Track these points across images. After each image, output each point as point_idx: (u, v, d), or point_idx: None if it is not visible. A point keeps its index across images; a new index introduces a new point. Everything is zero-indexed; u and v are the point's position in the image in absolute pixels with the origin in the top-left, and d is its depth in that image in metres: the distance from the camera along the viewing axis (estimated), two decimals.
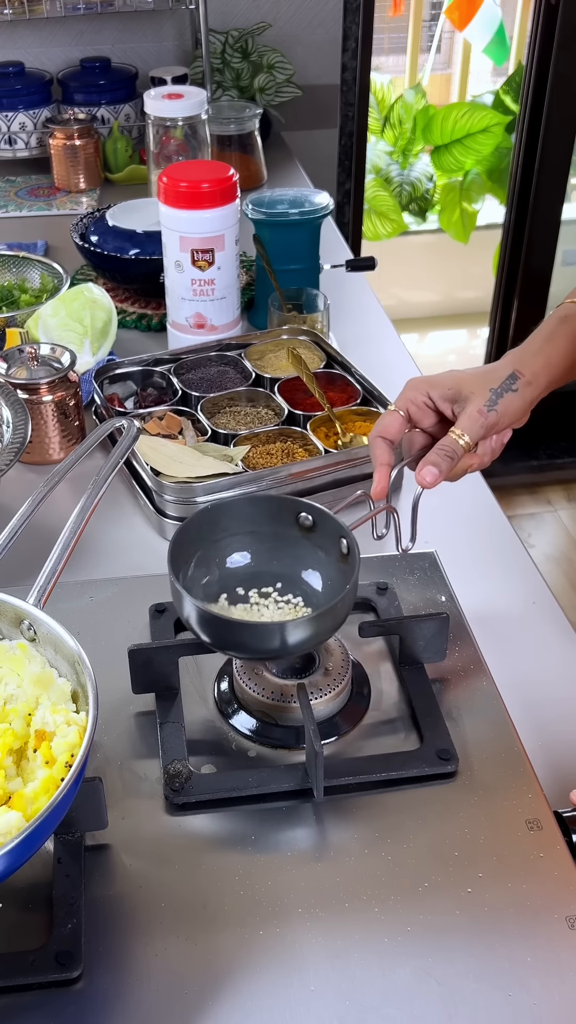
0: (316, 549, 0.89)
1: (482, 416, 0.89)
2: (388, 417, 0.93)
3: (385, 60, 4.06)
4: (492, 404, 0.89)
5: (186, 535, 0.85)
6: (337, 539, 0.87)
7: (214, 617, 0.80)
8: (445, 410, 0.92)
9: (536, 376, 0.91)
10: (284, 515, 0.89)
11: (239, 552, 0.90)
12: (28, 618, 0.77)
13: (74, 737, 0.70)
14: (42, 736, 0.72)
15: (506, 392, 0.89)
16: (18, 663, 0.77)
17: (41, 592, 0.78)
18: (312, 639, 0.80)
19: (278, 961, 0.68)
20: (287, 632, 0.78)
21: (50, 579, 0.79)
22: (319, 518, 0.88)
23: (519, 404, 0.90)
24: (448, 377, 0.93)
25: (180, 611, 0.82)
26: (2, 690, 0.76)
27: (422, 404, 0.93)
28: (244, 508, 0.90)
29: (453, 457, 0.89)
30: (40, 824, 0.63)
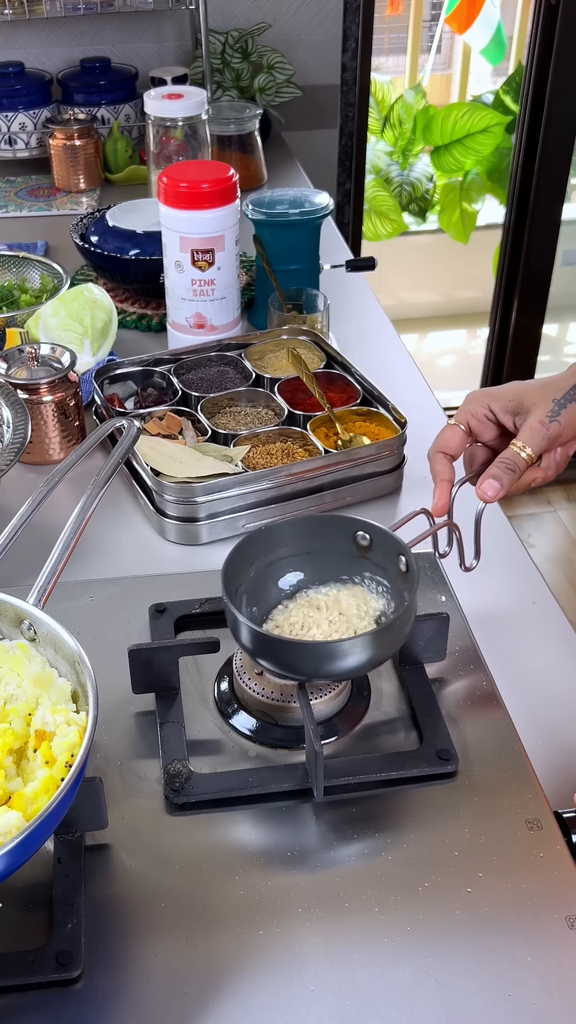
0: (375, 567, 0.87)
1: (544, 427, 0.87)
2: (448, 432, 0.92)
3: (385, 60, 4.06)
4: (555, 415, 0.86)
5: (239, 556, 0.84)
6: (396, 556, 0.85)
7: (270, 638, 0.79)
8: (507, 422, 0.90)
9: None
10: (340, 534, 0.88)
11: (293, 573, 0.89)
12: (28, 618, 0.77)
13: (74, 737, 0.70)
14: (42, 736, 0.72)
15: (570, 403, 0.87)
16: (18, 663, 0.77)
17: (41, 592, 0.78)
18: (372, 659, 0.79)
19: (278, 961, 0.68)
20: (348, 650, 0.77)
21: (50, 579, 0.79)
22: (376, 536, 0.87)
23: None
24: (509, 389, 0.91)
25: (236, 636, 0.81)
26: (2, 690, 0.76)
27: (483, 417, 0.91)
28: (298, 528, 0.88)
29: (515, 470, 0.87)
30: (40, 824, 0.63)
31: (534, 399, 0.88)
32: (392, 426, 1.19)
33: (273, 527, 0.88)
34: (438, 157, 3.78)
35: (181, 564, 1.08)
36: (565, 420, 0.86)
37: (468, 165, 3.76)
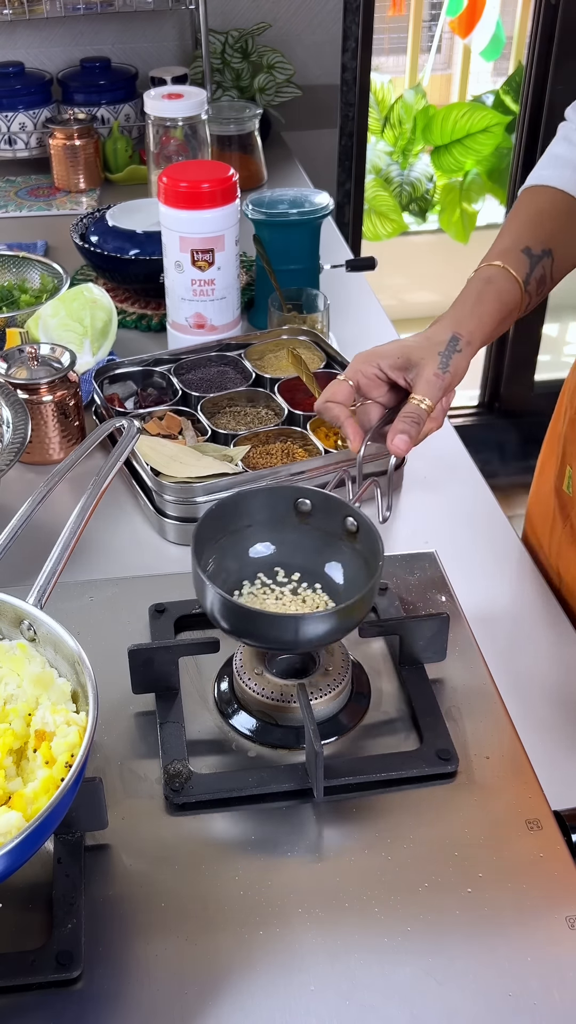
0: (321, 533, 0.89)
1: (439, 379, 0.93)
2: (336, 385, 0.96)
3: (385, 60, 4.06)
4: (444, 366, 0.93)
5: (207, 527, 0.86)
6: (342, 519, 0.88)
7: (238, 607, 0.80)
8: (397, 379, 0.95)
9: (473, 336, 0.96)
10: (282, 503, 0.90)
11: (262, 543, 0.90)
12: (28, 618, 0.77)
13: (74, 737, 0.70)
14: (42, 736, 0.72)
15: (453, 354, 0.94)
16: (18, 663, 0.77)
17: (41, 592, 0.78)
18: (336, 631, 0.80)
19: (278, 961, 0.68)
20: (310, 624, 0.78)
21: (50, 579, 0.79)
22: (318, 501, 0.89)
23: (464, 363, 0.94)
24: (395, 347, 0.96)
25: (202, 601, 0.81)
26: (2, 690, 0.76)
27: (372, 376, 0.96)
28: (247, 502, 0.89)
29: (419, 423, 0.93)
30: (40, 824, 0.63)
31: (421, 355, 0.94)
32: None
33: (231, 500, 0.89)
34: (438, 157, 3.78)
35: (181, 564, 1.08)
36: (453, 369, 0.93)
37: (468, 165, 3.76)
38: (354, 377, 0.96)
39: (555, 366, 3.43)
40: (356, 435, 0.94)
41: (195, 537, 0.84)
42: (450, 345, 0.94)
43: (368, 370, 0.96)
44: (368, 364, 0.96)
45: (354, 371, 0.96)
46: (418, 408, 0.92)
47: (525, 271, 0.99)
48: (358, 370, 0.96)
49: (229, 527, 0.89)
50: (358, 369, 0.96)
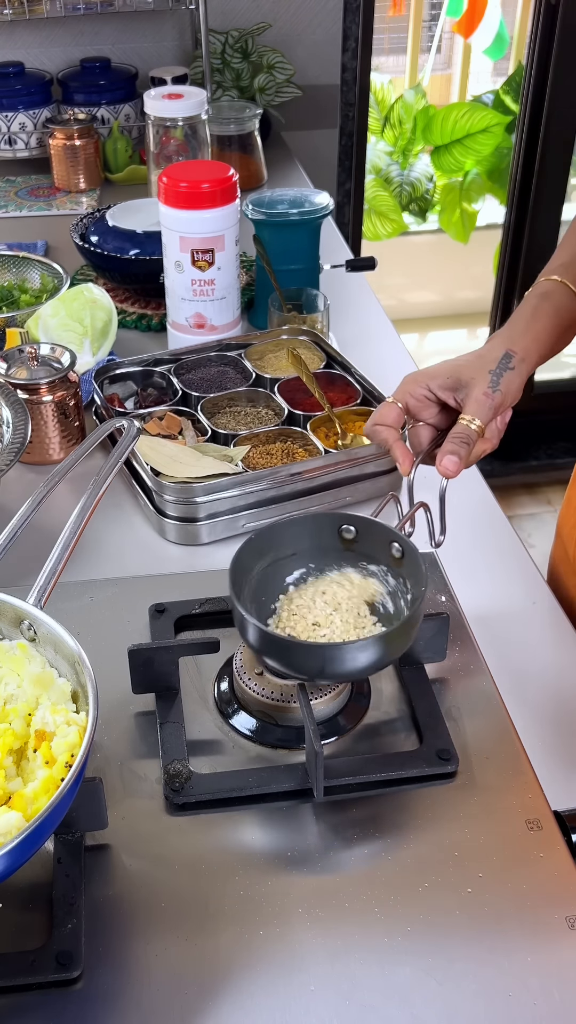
0: (367, 559, 0.88)
1: (488, 399, 0.90)
2: (385, 408, 0.94)
3: (385, 60, 4.05)
4: (495, 385, 0.90)
5: (240, 562, 0.84)
6: (387, 545, 0.86)
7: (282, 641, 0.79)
8: (447, 399, 0.93)
9: (528, 353, 0.93)
10: (326, 531, 0.89)
11: (298, 571, 0.89)
12: (28, 618, 0.77)
13: (74, 737, 0.70)
14: (42, 736, 0.72)
15: (504, 372, 0.91)
16: (18, 663, 0.77)
17: (41, 592, 0.78)
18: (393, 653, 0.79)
19: (278, 961, 0.68)
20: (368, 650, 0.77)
21: (50, 579, 0.79)
22: (362, 528, 0.88)
23: (518, 382, 0.92)
24: (445, 367, 0.94)
25: (246, 639, 0.80)
26: (2, 690, 0.76)
27: (422, 397, 0.94)
28: (288, 530, 0.88)
29: (469, 443, 0.90)
30: (40, 824, 0.63)
31: (471, 374, 0.92)
32: None
33: (267, 530, 0.88)
34: (438, 157, 3.78)
35: (181, 564, 1.08)
36: (504, 388, 0.91)
37: (468, 165, 3.76)
38: (403, 399, 0.94)
39: (555, 366, 3.42)
40: (405, 457, 0.92)
41: (233, 567, 0.82)
42: (502, 363, 0.91)
43: (417, 391, 0.93)
44: (417, 385, 0.94)
45: (403, 392, 0.94)
46: (467, 428, 0.90)
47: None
48: (407, 391, 0.94)
49: (269, 556, 0.87)
50: (407, 390, 0.94)
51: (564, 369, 3.41)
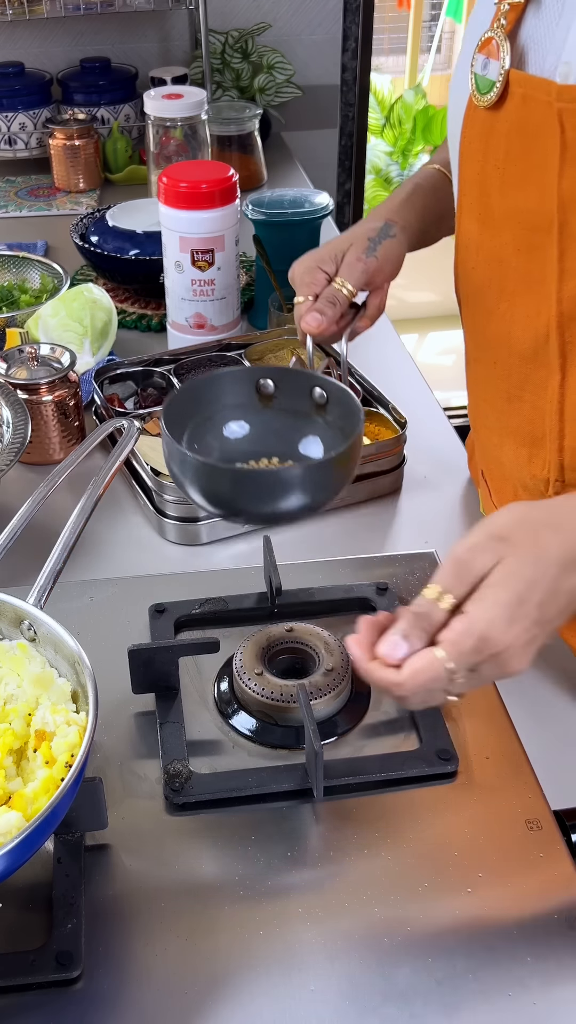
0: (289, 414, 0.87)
1: (361, 262, 0.91)
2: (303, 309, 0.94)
3: (385, 60, 4.06)
4: (371, 250, 0.91)
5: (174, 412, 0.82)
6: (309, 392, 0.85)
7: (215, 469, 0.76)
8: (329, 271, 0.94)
9: (408, 223, 0.94)
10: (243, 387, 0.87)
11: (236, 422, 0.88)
12: (28, 618, 0.77)
13: (74, 737, 0.70)
14: (42, 736, 0.72)
15: (384, 239, 0.92)
16: (18, 663, 0.77)
17: (42, 592, 0.78)
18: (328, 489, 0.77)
19: (278, 961, 0.68)
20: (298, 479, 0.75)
21: (51, 579, 0.79)
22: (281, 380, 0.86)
23: (397, 250, 0.93)
24: (327, 247, 0.95)
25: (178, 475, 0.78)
26: (2, 690, 0.76)
27: (322, 280, 0.94)
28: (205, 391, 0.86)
29: (335, 304, 0.91)
30: (40, 824, 0.63)
31: (350, 242, 0.93)
32: (392, 426, 1.19)
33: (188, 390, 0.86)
34: None
35: (181, 564, 1.08)
36: (382, 255, 0.91)
37: None
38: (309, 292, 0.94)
39: None
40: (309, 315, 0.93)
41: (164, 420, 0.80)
42: (382, 231, 0.92)
43: (318, 277, 0.94)
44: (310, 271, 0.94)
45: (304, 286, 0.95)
46: (336, 290, 0.90)
47: None
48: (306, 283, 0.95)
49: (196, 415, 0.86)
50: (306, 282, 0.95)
51: None
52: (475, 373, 0.99)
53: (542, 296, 0.82)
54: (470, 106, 0.83)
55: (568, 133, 0.75)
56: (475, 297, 0.91)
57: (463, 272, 0.93)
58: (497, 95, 0.79)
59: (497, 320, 0.88)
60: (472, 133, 0.84)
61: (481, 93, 0.81)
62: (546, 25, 0.78)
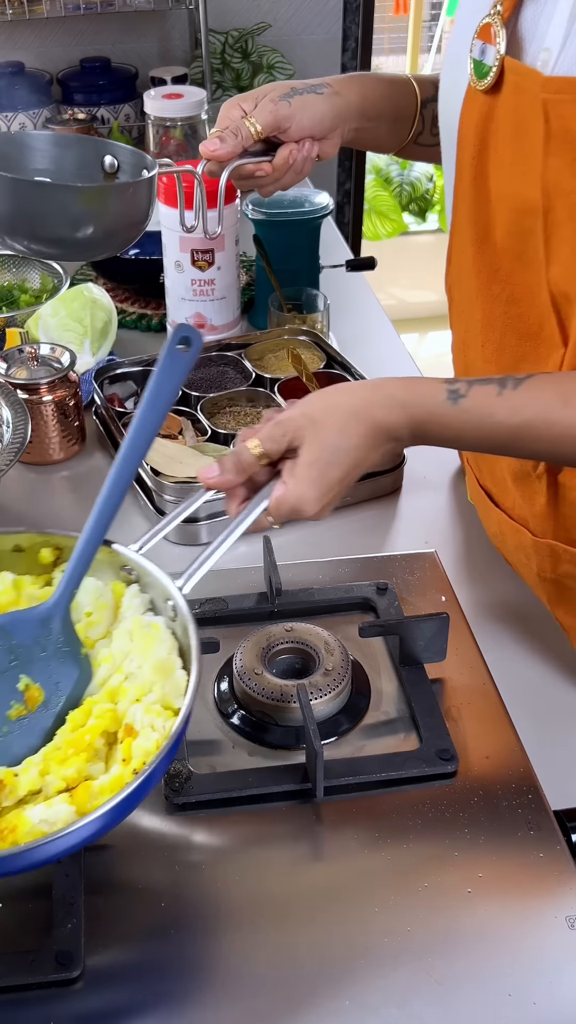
0: None
1: (273, 104, 0.89)
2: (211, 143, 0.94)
3: (385, 60, 4.05)
4: (287, 96, 0.89)
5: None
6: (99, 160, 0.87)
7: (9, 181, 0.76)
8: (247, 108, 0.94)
9: (345, 90, 0.92)
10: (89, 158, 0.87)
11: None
12: (173, 599, 0.76)
13: (152, 745, 0.68)
14: (129, 731, 0.69)
15: (307, 93, 0.90)
16: (149, 642, 0.74)
17: (188, 577, 0.77)
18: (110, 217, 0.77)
19: (278, 961, 0.68)
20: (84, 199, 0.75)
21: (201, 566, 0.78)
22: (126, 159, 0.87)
23: (322, 109, 0.91)
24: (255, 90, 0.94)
25: None
26: (126, 665, 0.74)
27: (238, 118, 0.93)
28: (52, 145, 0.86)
29: (236, 134, 0.90)
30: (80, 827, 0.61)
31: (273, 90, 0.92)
32: None
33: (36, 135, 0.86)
34: None
35: (181, 564, 1.07)
36: (298, 104, 0.89)
37: None
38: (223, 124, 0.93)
39: None
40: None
41: None
42: (311, 86, 0.90)
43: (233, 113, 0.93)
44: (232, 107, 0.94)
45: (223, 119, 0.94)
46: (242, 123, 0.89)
47: (427, 94, 0.97)
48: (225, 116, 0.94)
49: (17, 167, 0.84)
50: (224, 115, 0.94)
51: None
52: (465, 358, 0.98)
53: (536, 277, 0.82)
54: (470, 90, 0.83)
55: (552, 123, 0.75)
56: (470, 280, 0.90)
57: (457, 253, 0.93)
58: (493, 80, 0.79)
59: (490, 301, 0.88)
60: (471, 115, 0.84)
61: (478, 78, 0.81)
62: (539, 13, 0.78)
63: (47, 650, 0.75)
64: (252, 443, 0.78)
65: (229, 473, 0.79)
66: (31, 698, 0.73)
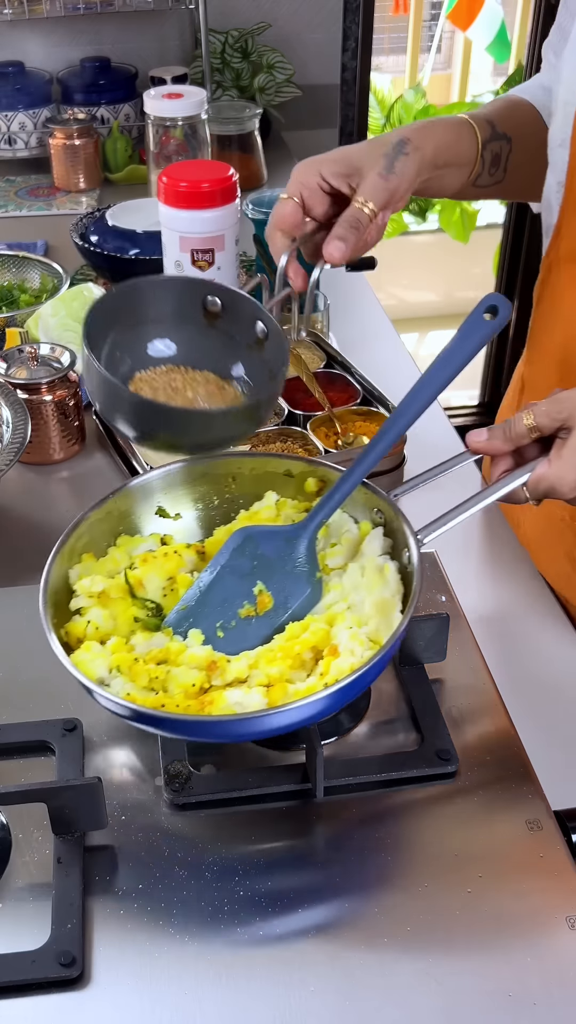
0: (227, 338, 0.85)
1: (384, 180, 0.86)
2: (281, 207, 0.89)
3: (385, 60, 4.06)
4: (390, 167, 0.86)
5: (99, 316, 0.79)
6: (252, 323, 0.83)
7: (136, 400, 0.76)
8: (341, 187, 0.89)
9: (422, 143, 0.89)
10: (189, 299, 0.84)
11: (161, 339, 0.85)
12: (410, 551, 0.79)
13: (347, 669, 0.73)
14: (333, 651, 0.75)
15: (399, 156, 0.87)
16: (377, 582, 0.79)
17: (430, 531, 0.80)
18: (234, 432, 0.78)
19: (278, 961, 0.68)
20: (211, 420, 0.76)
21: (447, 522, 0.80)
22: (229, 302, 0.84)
23: (412, 168, 0.88)
24: (339, 154, 0.90)
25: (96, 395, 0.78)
26: (352, 596, 0.79)
27: (315, 186, 0.89)
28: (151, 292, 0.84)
29: (359, 228, 0.86)
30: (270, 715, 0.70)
31: (363, 159, 0.88)
32: None
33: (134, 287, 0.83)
34: None
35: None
36: (399, 171, 0.87)
37: None
38: (297, 191, 0.89)
39: None
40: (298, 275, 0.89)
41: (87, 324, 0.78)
42: (396, 147, 0.87)
43: (310, 180, 0.89)
44: (309, 172, 0.89)
45: (296, 184, 0.89)
46: (359, 212, 0.85)
47: (486, 135, 0.96)
48: (300, 181, 0.89)
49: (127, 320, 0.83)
50: (300, 180, 0.89)
51: None
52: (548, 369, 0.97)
53: None
54: None
55: None
56: None
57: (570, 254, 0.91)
58: None
59: None
60: None
61: None
62: None
63: (287, 566, 0.81)
64: (527, 415, 0.78)
65: (497, 440, 0.79)
66: (262, 603, 0.81)
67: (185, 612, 0.80)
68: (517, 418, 0.78)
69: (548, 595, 1.04)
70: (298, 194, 0.89)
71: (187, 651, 0.77)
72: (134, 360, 0.83)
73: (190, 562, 0.85)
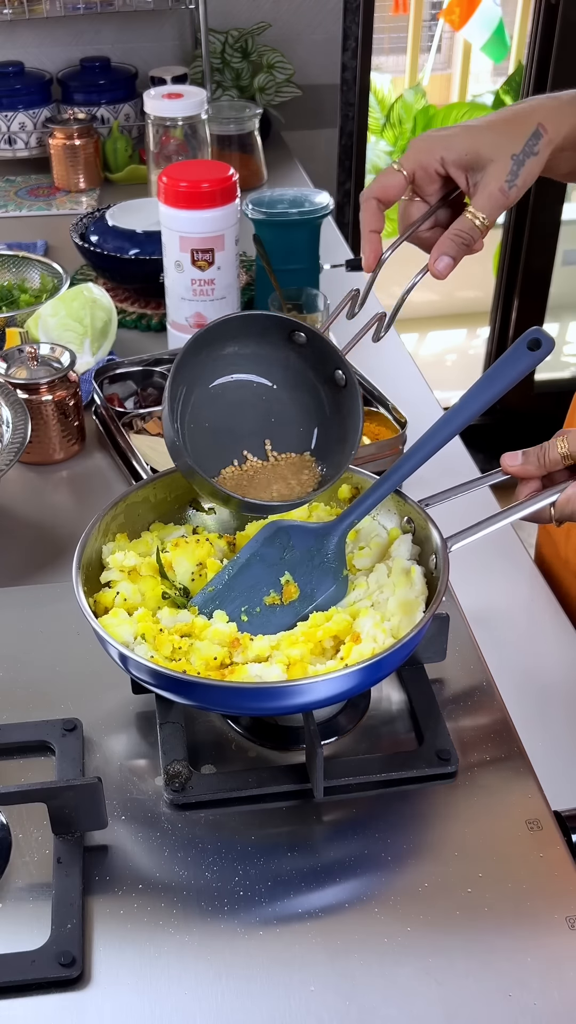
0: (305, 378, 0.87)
1: (504, 196, 0.80)
2: (389, 177, 0.83)
3: (385, 60, 4.06)
4: (513, 177, 0.79)
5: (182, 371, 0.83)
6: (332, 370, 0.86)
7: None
8: (459, 179, 0.82)
9: (557, 132, 0.81)
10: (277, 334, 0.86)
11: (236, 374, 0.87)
12: (437, 558, 0.81)
13: (368, 653, 0.75)
14: (356, 638, 0.77)
15: (528, 158, 0.79)
16: (402, 582, 0.81)
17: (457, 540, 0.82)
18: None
19: (278, 961, 0.68)
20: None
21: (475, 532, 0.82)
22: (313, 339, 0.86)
23: (537, 169, 0.81)
24: (465, 139, 0.81)
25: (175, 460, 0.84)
26: (376, 595, 0.81)
27: (432, 171, 0.82)
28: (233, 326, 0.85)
29: (469, 244, 0.81)
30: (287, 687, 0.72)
31: (492, 154, 0.80)
32: (392, 426, 1.19)
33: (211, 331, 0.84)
34: None
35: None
36: (521, 181, 0.80)
37: None
38: (412, 167, 0.82)
39: (555, 366, 3.43)
40: (373, 254, 0.84)
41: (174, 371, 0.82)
42: (529, 143, 0.78)
43: (429, 162, 0.81)
44: (431, 155, 0.81)
45: (413, 160, 0.82)
46: (471, 226, 0.79)
47: None
48: (418, 160, 0.82)
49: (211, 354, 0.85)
50: (418, 159, 0.82)
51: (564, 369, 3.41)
52: None
53: None
54: None
55: None
56: None
57: None
58: None
59: None
60: None
61: None
62: None
63: (315, 560, 0.84)
64: (561, 443, 0.79)
65: (531, 465, 0.80)
66: (287, 593, 0.83)
67: (212, 594, 0.83)
68: (552, 445, 0.79)
69: (548, 595, 1.04)
70: (411, 170, 0.83)
71: (211, 627, 0.79)
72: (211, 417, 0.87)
73: (220, 551, 0.88)
